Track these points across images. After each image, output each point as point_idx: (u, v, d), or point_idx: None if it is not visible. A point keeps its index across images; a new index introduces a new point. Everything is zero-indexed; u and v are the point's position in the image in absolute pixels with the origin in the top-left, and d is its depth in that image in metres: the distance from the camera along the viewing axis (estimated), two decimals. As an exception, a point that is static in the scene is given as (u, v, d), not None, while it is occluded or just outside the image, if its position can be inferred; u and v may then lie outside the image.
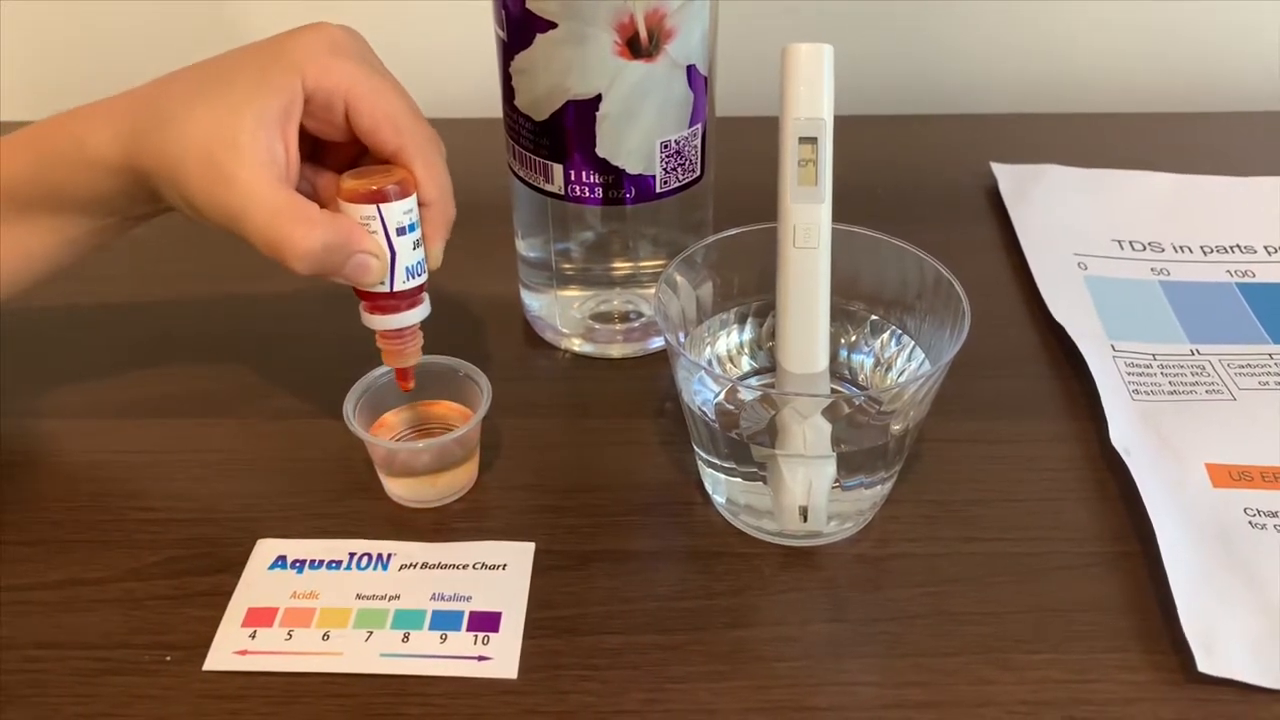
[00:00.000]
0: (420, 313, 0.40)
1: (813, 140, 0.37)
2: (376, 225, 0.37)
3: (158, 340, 0.50)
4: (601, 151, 0.43)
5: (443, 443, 0.40)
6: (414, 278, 0.39)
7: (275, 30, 0.38)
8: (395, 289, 0.39)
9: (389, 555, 0.40)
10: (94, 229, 0.40)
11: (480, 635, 0.37)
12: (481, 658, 0.36)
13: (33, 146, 0.38)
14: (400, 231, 0.38)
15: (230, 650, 0.37)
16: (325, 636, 0.37)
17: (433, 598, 0.38)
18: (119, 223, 0.40)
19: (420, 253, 0.39)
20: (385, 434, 0.43)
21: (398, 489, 0.42)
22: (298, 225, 0.35)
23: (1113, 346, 0.48)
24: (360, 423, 0.41)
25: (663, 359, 0.49)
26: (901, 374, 0.42)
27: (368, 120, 0.37)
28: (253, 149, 0.35)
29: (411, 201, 0.38)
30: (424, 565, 0.39)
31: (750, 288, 0.43)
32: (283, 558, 0.40)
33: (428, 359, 0.43)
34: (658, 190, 0.44)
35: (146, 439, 0.45)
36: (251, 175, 0.35)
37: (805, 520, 0.38)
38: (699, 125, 0.44)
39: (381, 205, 0.37)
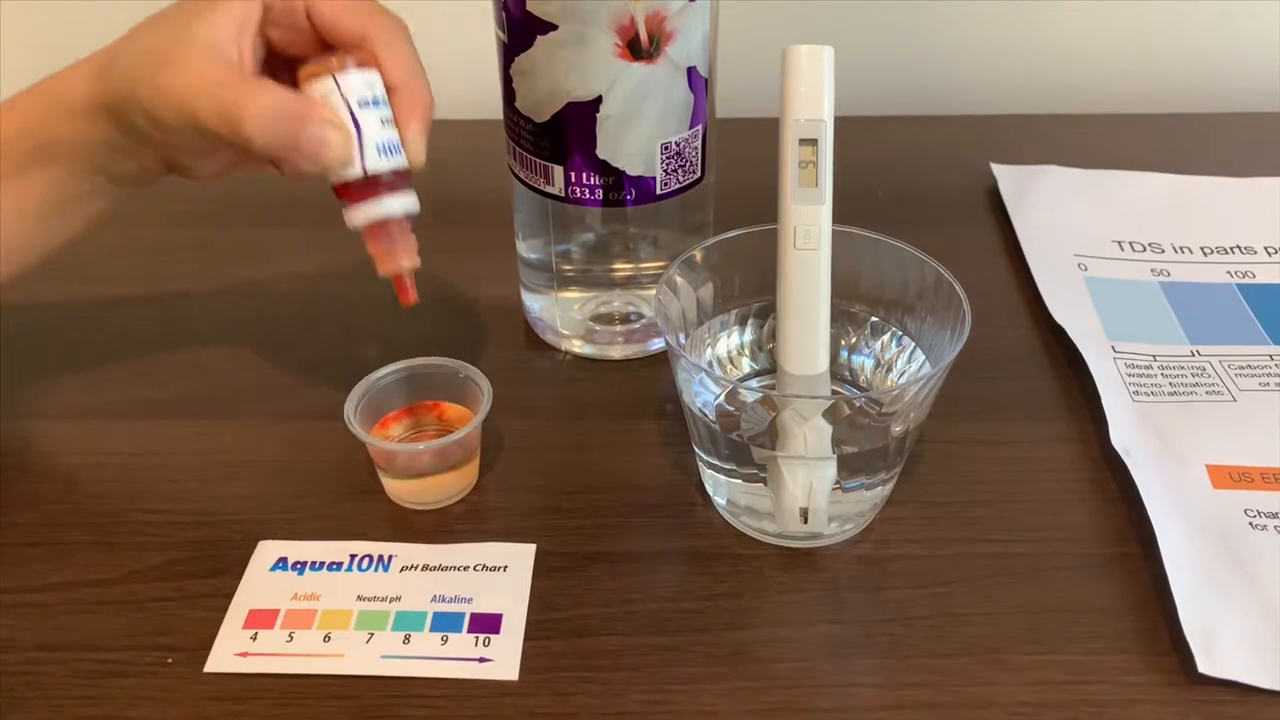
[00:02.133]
0: (404, 202, 0.38)
1: (813, 142, 0.37)
2: (336, 99, 0.36)
3: (159, 342, 0.50)
4: (602, 153, 0.43)
5: (443, 444, 0.40)
6: (387, 156, 0.37)
7: None
8: (368, 169, 0.36)
9: (390, 557, 0.40)
10: (83, 191, 0.40)
11: (481, 637, 0.37)
12: (483, 659, 0.36)
13: (16, 107, 0.39)
14: (363, 105, 0.36)
15: (231, 652, 0.37)
16: (326, 638, 0.37)
17: (434, 599, 0.38)
18: (106, 185, 0.40)
19: (393, 132, 0.37)
20: (386, 435, 0.43)
21: (398, 490, 0.42)
22: (248, 91, 0.35)
23: (1113, 347, 0.48)
24: (361, 424, 0.41)
25: (663, 360, 0.49)
26: (902, 375, 0.42)
27: (327, 13, 0.37)
28: (206, 42, 0.35)
29: (373, 75, 0.37)
30: (425, 567, 0.39)
31: (751, 289, 0.43)
32: (284, 559, 0.40)
33: (428, 361, 0.43)
34: (658, 192, 0.44)
35: (148, 441, 0.45)
36: (200, 58, 0.35)
37: (806, 522, 0.38)
38: (699, 127, 0.44)
39: (337, 75, 0.36)
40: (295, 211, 0.57)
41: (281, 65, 0.39)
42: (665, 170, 0.44)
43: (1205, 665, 0.35)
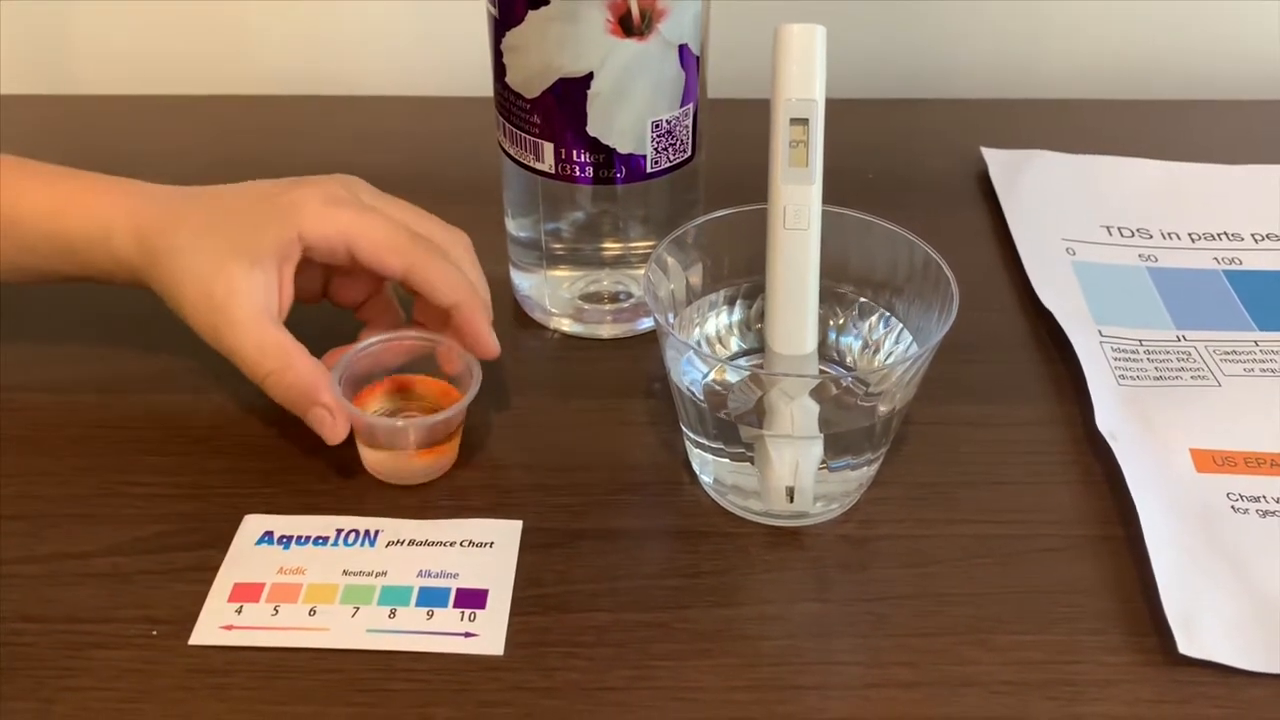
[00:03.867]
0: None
1: (804, 121, 0.37)
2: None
3: (145, 315, 0.50)
4: (592, 130, 0.43)
5: (429, 424, 0.40)
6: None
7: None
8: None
9: (376, 532, 0.40)
10: (92, 279, 0.44)
11: (467, 612, 0.37)
12: (468, 634, 0.36)
13: (53, 213, 0.42)
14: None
15: (216, 625, 0.37)
16: (312, 612, 0.37)
17: (420, 574, 0.38)
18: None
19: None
20: (366, 408, 0.43)
21: (377, 464, 0.42)
22: (275, 365, 0.40)
23: (1100, 332, 0.48)
24: (343, 395, 0.41)
25: (651, 340, 0.49)
26: (889, 356, 0.42)
27: (369, 256, 0.41)
28: (248, 292, 0.40)
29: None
30: (411, 542, 0.39)
31: (740, 269, 0.43)
32: (270, 533, 0.40)
33: (415, 334, 0.43)
34: (648, 170, 0.44)
35: (133, 414, 0.45)
36: (244, 316, 0.40)
37: (792, 501, 0.39)
38: (690, 105, 0.44)
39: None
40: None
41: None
42: (656, 148, 0.44)
43: (1186, 646, 0.35)
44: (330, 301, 0.46)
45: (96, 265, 0.42)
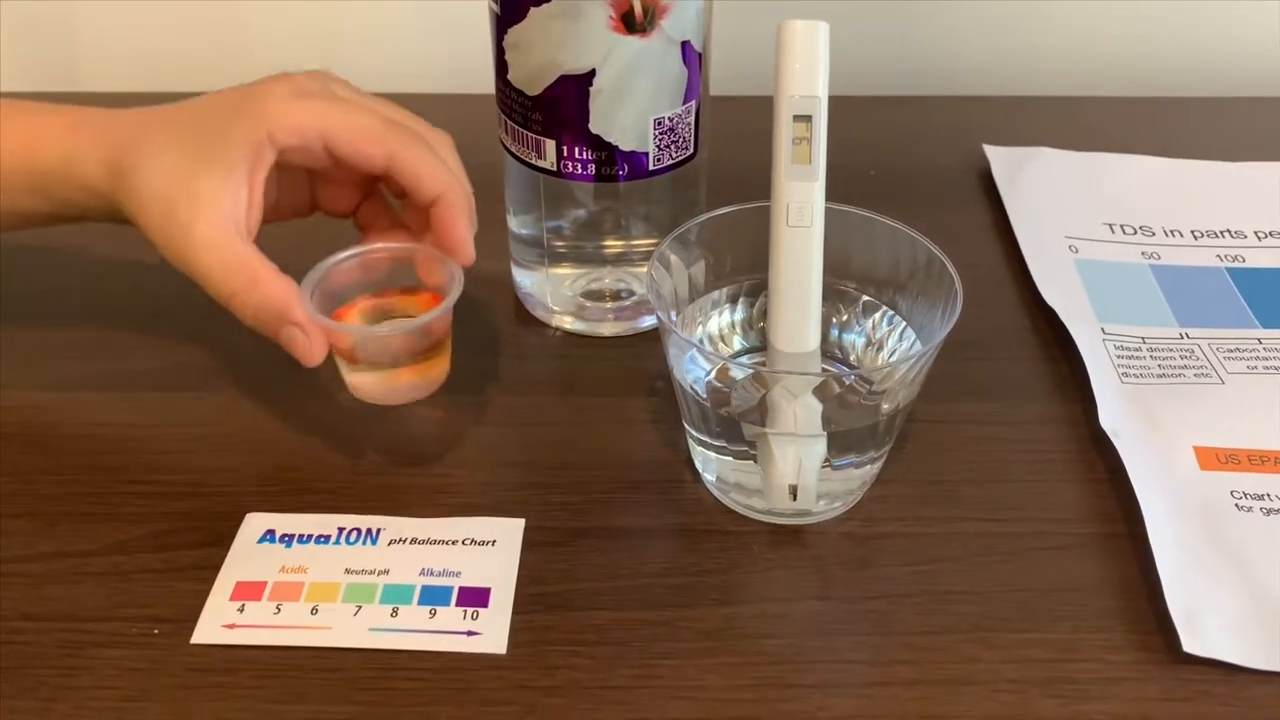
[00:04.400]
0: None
1: (807, 118, 0.37)
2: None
3: (146, 313, 0.50)
4: (594, 128, 0.43)
5: (412, 327, 0.38)
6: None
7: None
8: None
9: (378, 530, 0.40)
10: (71, 218, 0.42)
11: (469, 610, 0.37)
12: (470, 633, 0.36)
13: (26, 147, 0.40)
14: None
15: (218, 624, 0.36)
16: (314, 611, 0.37)
17: (422, 573, 0.38)
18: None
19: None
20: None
21: (362, 384, 0.40)
22: (241, 284, 0.37)
23: (1103, 329, 0.48)
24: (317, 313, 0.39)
25: (654, 337, 0.48)
26: (892, 354, 0.42)
27: (347, 148, 0.38)
28: (213, 203, 0.37)
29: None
30: (413, 540, 0.39)
31: (743, 266, 0.43)
32: (271, 532, 0.40)
33: (392, 245, 0.41)
34: (651, 168, 0.44)
35: (135, 412, 0.45)
36: (207, 229, 0.37)
37: (795, 499, 0.39)
38: (693, 102, 0.44)
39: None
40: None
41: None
42: (658, 146, 0.44)
43: (1190, 644, 0.35)
44: (324, 212, 0.43)
45: (69, 199, 0.40)
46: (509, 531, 0.40)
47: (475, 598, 0.37)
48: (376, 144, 0.38)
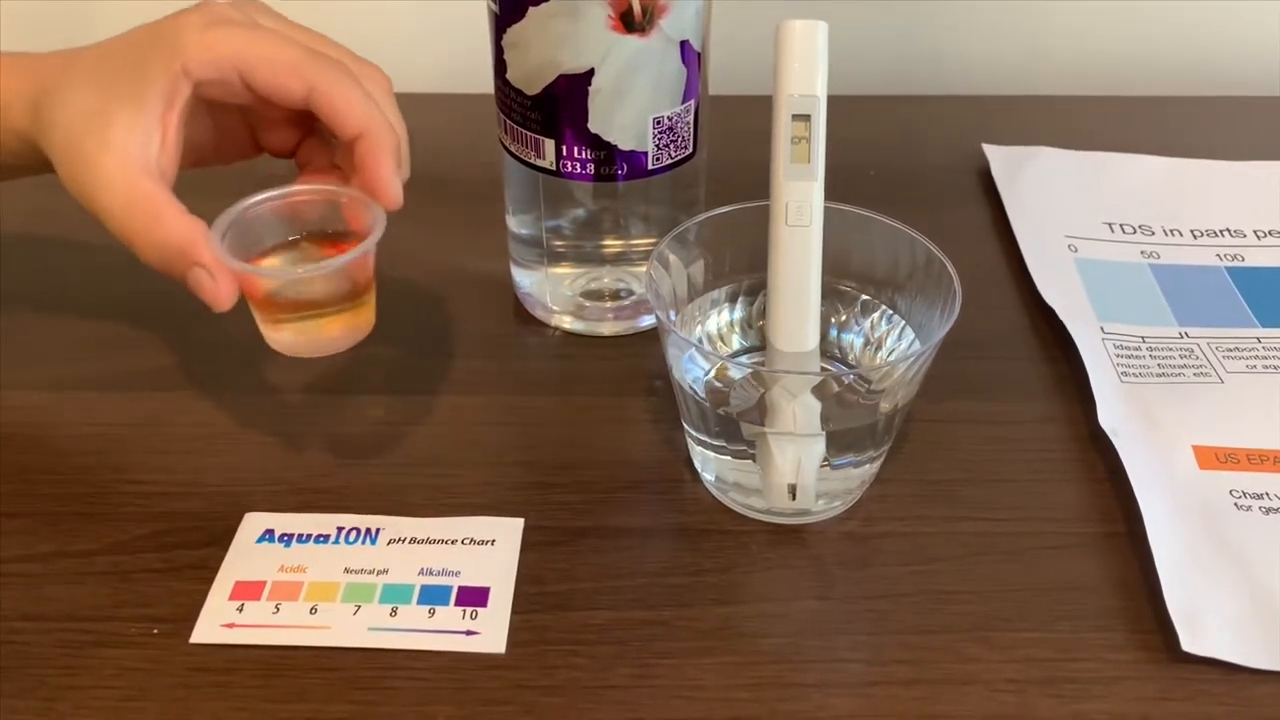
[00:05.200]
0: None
1: (806, 117, 0.37)
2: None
3: (146, 312, 0.50)
4: (594, 127, 0.43)
5: (330, 267, 0.36)
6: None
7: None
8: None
9: (377, 530, 0.40)
10: (10, 168, 0.40)
11: (469, 610, 0.37)
12: (470, 632, 0.36)
13: None
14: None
15: (217, 623, 0.36)
16: (313, 610, 0.37)
17: (421, 572, 0.38)
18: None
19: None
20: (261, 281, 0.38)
21: (282, 336, 0.37)
22: (142, 223, 0.35)
23: (1102, 329, 0.48)
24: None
25: (653, 337, 0.48)
26: (891, 353, 0.42)
27: (267, 79, 0.36)
28: (120, 140, 0.35)
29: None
30: (412, 540, 0.39)
31: (742, 266, 0.43)
32: (270, 531, 0.40)
33: (306, 187, 0.39)
34: (650, 167, 0.44)
35: (134, 412, 0.45)
36: (111, 166, 0.35)
37: (794, 498, 0.39)
38: (692, 102, 0.44)
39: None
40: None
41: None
42: (657, 145, 0.44)
43: (1189, 644, 0.35)
44: (268, 153, 0.41)
45: (1, 144, 0.38)
46: (508, 531, 0.40)
47: (474, 597, 0.37)
48: (295, 76, 0.36)
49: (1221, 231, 0.55)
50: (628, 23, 0.41)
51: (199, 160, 0.41)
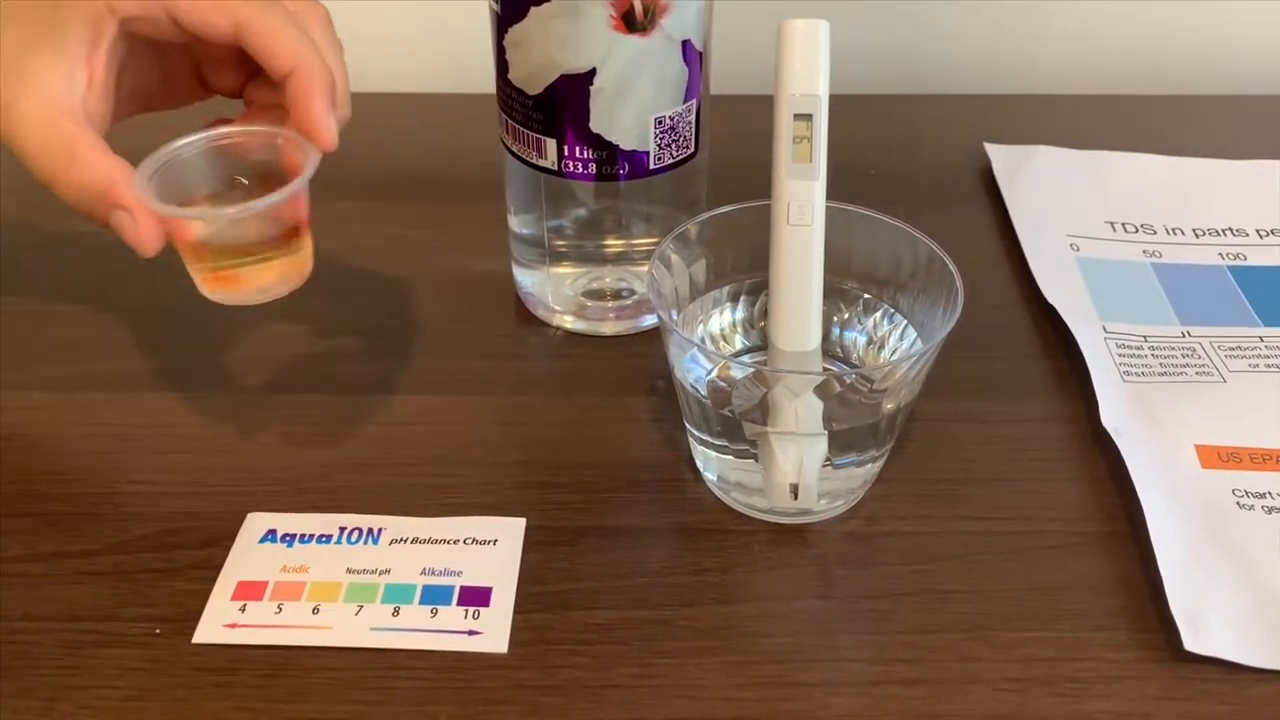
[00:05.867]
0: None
1: (808, 117, 0.37)
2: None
3: (148, 313, 0.50)
4: (595, 127, 0.43)
5: (258, 207, 0.34)
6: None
7: None
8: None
9: (379, 530, 0.40)
10: None
11: (471, 610, 0.37)
12: (472, 632, 0.36)
13: None
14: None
15: (220, 623, 0.36)
16: (315, 610, 0.37)
17: (423, 572, 0.38)
18: None
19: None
20: (191, 228, 0.36)
21: (214, 283, 0.36)
22: (61, 163, 0.34)
23: (1104, 328, 0.48)
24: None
25: (654, 337, 0.48)
26: (894, 353, 0.42)
27: (191, 14, 0.35)
28: (41, 81, 0.34)
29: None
30: (414, 540, 0.39)
31: (743, 265, 0.43)
32: (273, 531, 0.40)
33: (239, 129, 0.37)
34: (651, 167, 0.44)
35: (136, 412, 0.45)
36: (30, 107, 0.34)
37: (796, 498, 0.38)
38: (693, 101, 0.44)
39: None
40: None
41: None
42: (659, 145, 0.44)
43: (1191, 643, 0.35)
44: (219, 94, 0.40)
45: None
46: (510, 531, 0.40)
47: (476, 597, 0.37)
48: (221, 12, 0.35)
49: (1224, 230, 0.55)
50: (629, 22, 0.41)
51: (150, 104, 0.39)
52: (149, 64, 0.38)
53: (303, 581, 0.38)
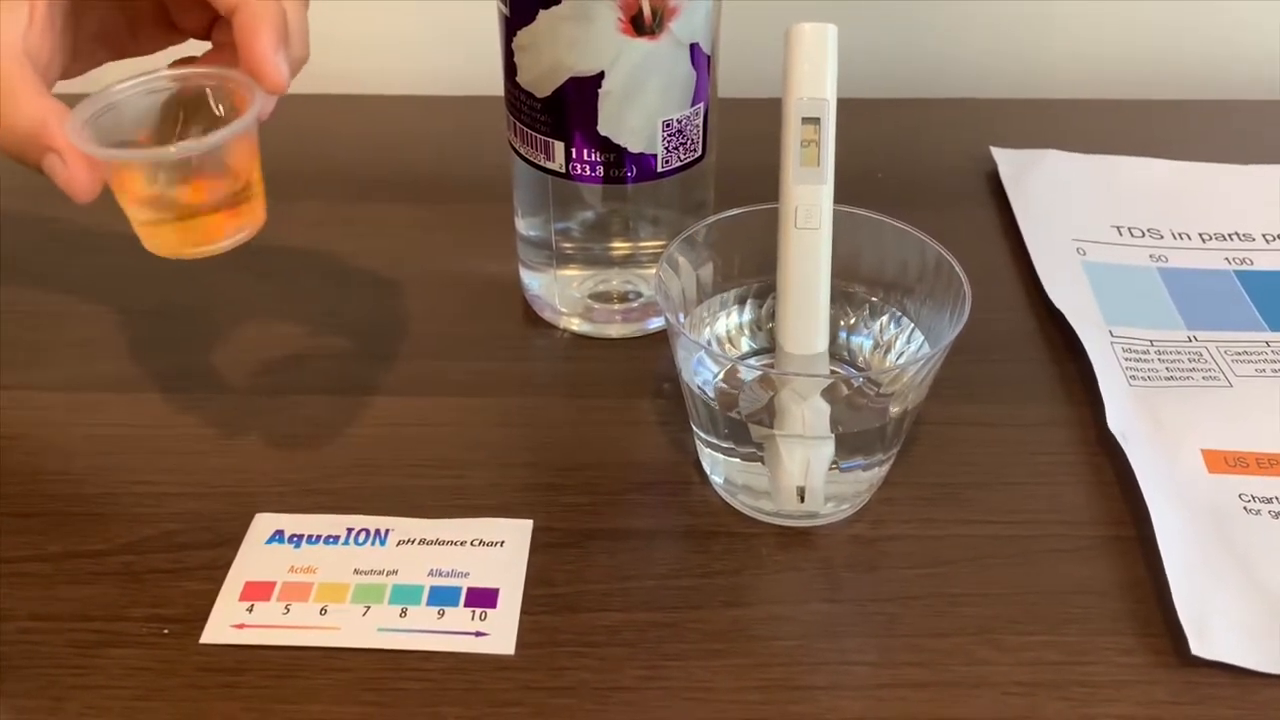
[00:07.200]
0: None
1: (815, 120, 0.37)
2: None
3: (156, 313, 0.50)
4: (603, 130, 0.43)
5: (200, 148, 0.32)
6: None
7: None
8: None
9: (387, 531, 0.40)
10: None
11: (478, 611, 0.37)
12: (479, 633, 0.36)
13: None
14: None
15: (228, 624, 0.37)
16: (323, 611, 0.37)
17: (430, 573, 0.38)
18: None
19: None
20: (136, 177, 0.33)
21: (158, 233, 0.34)
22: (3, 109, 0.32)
23: (1110, 332, 0.48)
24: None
25: (661, 339, 0.48)
26: (900, 356, 0.42)
27: None
28: None
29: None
30: (422, 541, 0.39)
31: (751, 268, 0.43)
32: (280, 532, 0.40)
33: (192, 71, 0.35)
34: (659, 170, 0.44)
35: (145, 412, 0.45)
36: None
37: (803, 501, 0.39)
38: (701, 104, 0.44)
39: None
40: (293, 187, 0.56)
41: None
42: (667, 148, 0.44)
43: (1198, 647, 0.35)
44: (188, 36, 0.38)
45: None
46: (517, 532, 0.40)
47: (483, 598, 0.37)
48: None
49: (1230, 235, 0.55)
50: (638, 26, 0.41)
51: (119, 48, 0.38)
52: (112, 4, 0.37)
53: (310, 582, 0.38)
